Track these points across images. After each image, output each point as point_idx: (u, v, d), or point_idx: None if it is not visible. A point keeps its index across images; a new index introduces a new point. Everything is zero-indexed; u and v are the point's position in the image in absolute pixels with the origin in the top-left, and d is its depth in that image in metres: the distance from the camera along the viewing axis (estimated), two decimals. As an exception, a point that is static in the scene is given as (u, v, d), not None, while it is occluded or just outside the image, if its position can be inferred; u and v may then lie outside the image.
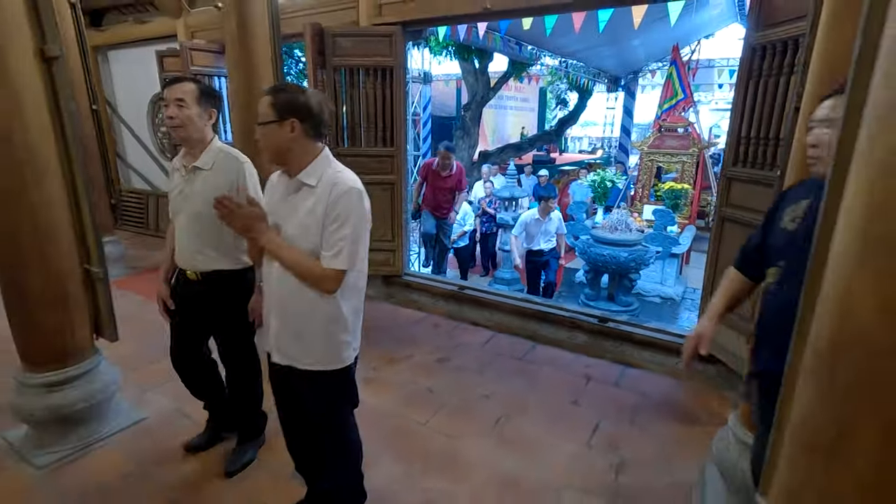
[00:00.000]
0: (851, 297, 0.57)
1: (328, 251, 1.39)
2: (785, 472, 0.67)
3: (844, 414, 0.58)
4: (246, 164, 1.96)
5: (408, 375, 2.97)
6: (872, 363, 0.54)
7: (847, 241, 0.58)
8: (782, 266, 1.30)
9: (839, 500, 0.59)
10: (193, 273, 1.97)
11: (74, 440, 2.27)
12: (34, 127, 1.99)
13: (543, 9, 3.28)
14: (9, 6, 1.87)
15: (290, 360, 1.52)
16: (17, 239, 2.04)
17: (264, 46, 2.88)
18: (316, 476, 1.85)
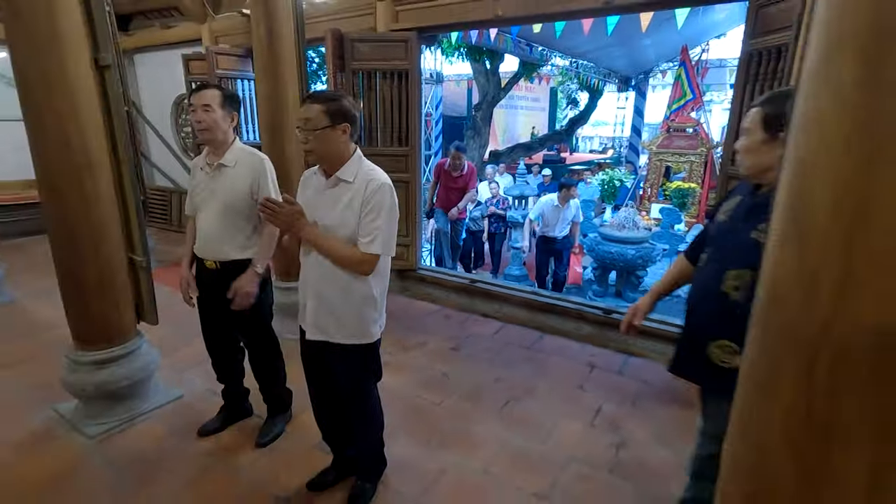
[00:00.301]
0: (777, 269, 0.74)
1: (365, 238, 1.59)
2: (740, 404, 0.84)
3: (774, 357, 0.75)
4: (265, 161, 2.14)
5: (422, 361, 3.16)
6: (791, 317, 0.71)
7: (777, 219, 0.75)
8: (709, 251, 1.51)
9: (772, 424, 0.76)
10: (212, 262, 2.14)
11: (120, 413, 2.49)
12: (89, 130, 2.21)
13: (552, 16, 3.44)
14: (69, 19, 2.08)
15: (326, 335, 1.71)
16: (74, 234, 2.26)
17: (290, 51, 3.08)
18: (342, 444, 2.05)
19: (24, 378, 2.90)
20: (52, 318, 3.73)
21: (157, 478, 2.13)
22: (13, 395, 2.74)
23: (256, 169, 2.09)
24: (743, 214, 1.41)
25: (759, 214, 1.32)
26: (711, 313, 1.41)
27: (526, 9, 3.34)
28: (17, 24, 2.02)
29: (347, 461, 2.07)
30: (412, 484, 2.10)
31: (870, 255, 0.62)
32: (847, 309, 0.64)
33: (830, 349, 0.66)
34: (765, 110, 1.34)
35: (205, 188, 2.13)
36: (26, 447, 2.32)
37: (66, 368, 2.44)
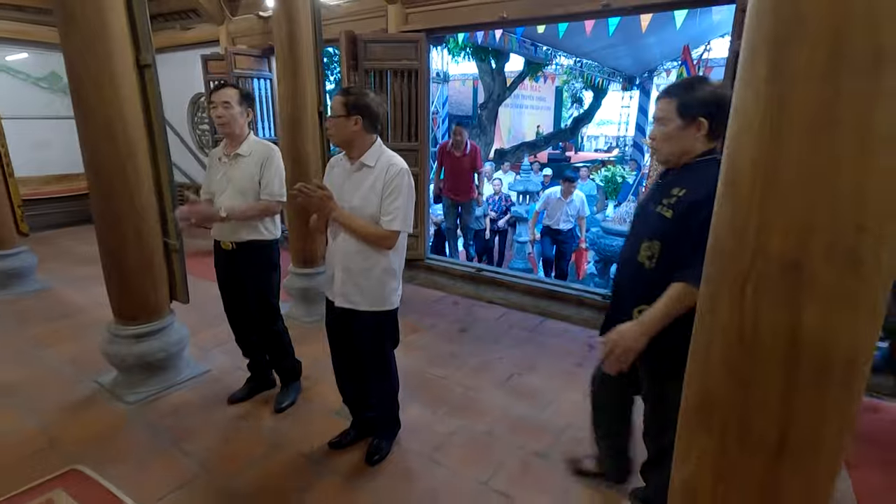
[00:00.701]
0: (718, 221, 0.95)
1: (386, 217, 1.82)
2: (694, 339, 1.05)
3: (716, 287, 0.96)
4: (274, 151, 2.37)
5: (431, 341, 3.38)
6: (727, 255, 0.92)
7: (720, 184, 0.95)
8: (630, 231, 1.69)
9: (714, 346, 0.97)
10: (228, 244, 2.36)
11: (156, 383, 2.73)
12: (132, 124, 2.44)
13: (553, 17, 3.65)
14: (116, 24, 2.32)
15: (352, 303, 1.94)
16: (118, 219, 2.49)
17: (308, 53, 3.31)
18: (361, 407, 2.27)
19: (66, 355, 3.15)
20: (83, 302, 4.00)
21: (194, 436, 2.36)
22: (58, 369, 2.98)
23: (264, 156, 2.32)
24: (652, 195, 1.58)
25: (663, 192, 1.50)
26: (632, 282, 1.57)
27: (529, 11, 3.55)
28: (71, 27, 2.25)
29: (365, 423, 2.30)
30: (424, 443, 2.32)
31: (776, 207, 0.83)
32: (763, 246, 0.85)
33: (754, 276, 0.88)
34: (679, 99, 1.45)
35: (222, 176, 2.35)
36: (76, 410, 2.56)
37: (108, 341, 2.68)
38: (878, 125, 0.74)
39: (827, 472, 0.92)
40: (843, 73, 0.74)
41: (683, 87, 1.49)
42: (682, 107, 1.44)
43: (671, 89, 1.51)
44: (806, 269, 0.81)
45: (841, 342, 0.84)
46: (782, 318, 0.85)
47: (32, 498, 1.95)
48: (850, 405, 0.88)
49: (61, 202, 6.51)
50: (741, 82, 0.88)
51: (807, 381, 0.86)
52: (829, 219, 0.79)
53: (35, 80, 6.36)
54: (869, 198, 0.76)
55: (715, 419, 0.99)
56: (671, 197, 1.46)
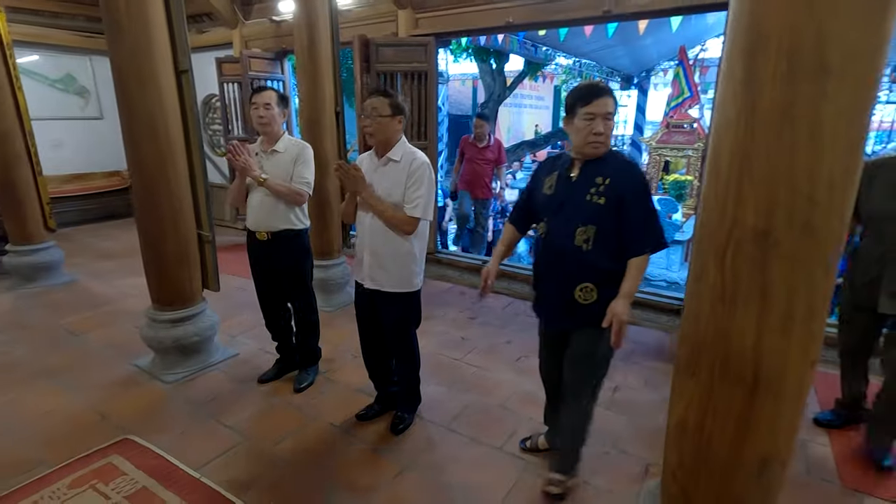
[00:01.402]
0: (705, 199, 1.16)
1: (410, 205, 2.03)
2: (687, 298, 1.26)
3: (703, 255, 1.17)
4: (307, 147, 2.58)
5: (443, 328, 3.59)
6: (711, 228, 1.13)
7: (707, 168, 1.16)
8: (546, 221, 1.81)
9: (703, 298, 1.19)
10: (263, 234, 2.56)
11: (190, 364, 2.93)
12: (171, 125, 2.65)
13: (556, 22, 3.86)
14: (159, 33, 2.52)
15: (378, 285, 2.15)
16: (158, 212, 2.69)
17: (326, 57, 3.52)
18: (385, 382, 2.49)
19: (101, 341, 3.35)
20: (110, 293, 4.21)
21: (231, 411, 2.56)
22: (96, 353, 3.18)
23: (298, 152, 2.53)
24: (571, 186, 1.73)
25: (586, 182, 1.69)
26: (571, 265, 1.73)
27: (534, 16, 3.76)
28: (118, 36, 2.45)
29: (389, 397, 2.51)
30: (442, 415, 2.53)
31: (749, 187, 1.05)
32: (740, 219, 1.07)
33: (733, 245, 1.09)
34: (614, 98, 1.65)
35: (260, 169, 2.55)
36: (118, 389, 2.76)
37: (147, 325, 2.88)
38: (824, 121, 0.95)
39: (793, 401, 1.14)
40: (799, 81, 0.95)
41: (611, 89, 1.68)
42: (616, 105, 1.65)
43: (609, 92, 1.66)
44: (772, 236, 1.03)
45: (802, 294, 1.05)
46: (755, 277, 1.07)
47: (94, 461, 2.16)
48: (811, 345, 1.10)
49: (77, 200, 6.69)
50: (722, 86, 1.10)
51: (774, 326, 1.08)
52: (789, 195, 1.00)
53: (51, 82, 6.55)
54: (819, 177, 0.98)
55: (702, 365, 1.20)
56: (598, 186, 1.67)
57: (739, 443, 1.16)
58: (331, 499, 1.99)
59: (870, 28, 0.91)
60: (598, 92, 1.63)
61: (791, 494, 2.04)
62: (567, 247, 1.73)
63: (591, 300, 1.73)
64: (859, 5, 0.89)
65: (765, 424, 1.14)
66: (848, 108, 0.94)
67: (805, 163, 0.98)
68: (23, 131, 4.12)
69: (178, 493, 2.00)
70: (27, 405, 2.58)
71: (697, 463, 1.25)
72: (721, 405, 1.17)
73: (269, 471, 2.14)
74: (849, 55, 0.91)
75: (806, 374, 1.12)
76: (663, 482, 1.40)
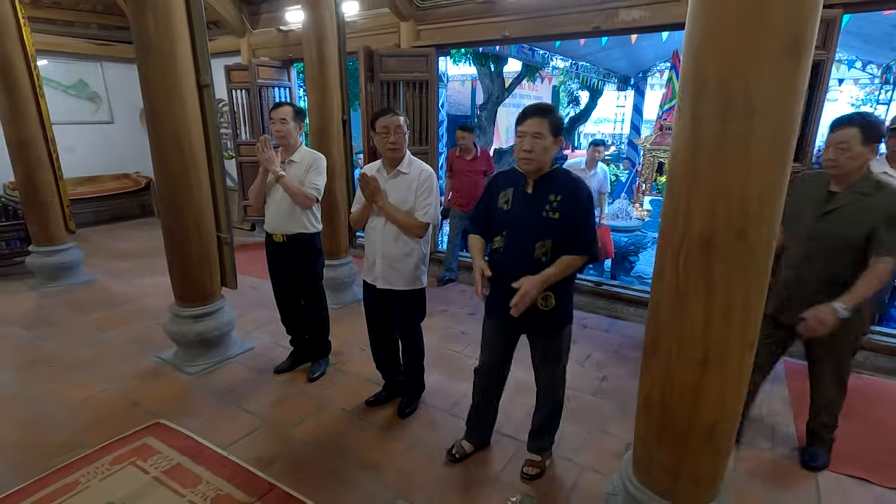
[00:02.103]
0: (665, 211, 1.40)
1: (421, 211, 2.27)
2: (653, 293, 1.50)
3: (663, 258, 1.41)
4: (320, 157, 2.81)
5: (444, 323, 3.83)
6: (669, 235, 1.37)
7: (667, 186, 1.40)
8: (504, 235, 1.95)
9: (662, 294, 1.43)
10: (280, 236, 2.80)
11: (211, 357, 3.17)
12: (194, 134, 2.88)
13: (551, 36, 4.10)
14: (184, 50, 2.75)
15: (390, 284, 2.39)
16: (182, 215, 2.93)
17: (334, 70, 3.75)
18: (392, 371, 2.73)
19: (123, 336, 3.59)
20: (129, 292, 4.45)
21: (251, 398, 2.81)
22: (120, 348, 3.42)
23: (312, 161, 2.77)
24: (528, 203, 1.89)
25: (539, 200, 1.86)
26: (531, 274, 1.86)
27: (529, 30, 4.00)
28: (148, 55, 2.68)
29: (395, 385, 2.75)
30: (444, 401, 2.78)
31: (695, 203, 1.29)
32: (689, 228, 1.31)
33: (685, 249, 1.33)
34: (550, 119, 1.79)
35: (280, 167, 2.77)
36: (146, 379, 3.00)
37: (171, 321, 3.12)
38: (752, 151, 1.19)
39: (735, 375, 1.38)
40: (731, 120, 1.19)
41: (548, 108, 1.83)
42: (552, 126, 1.80)
43: (542, 112, 1.80)
44: (713, 242, 1.27)
45: (738, 289, 1.29)
46: (701, 275, 1.31)
47: (130, 442, 2.40)
48: (748, 330, 1.34)
49: (89, 202, 6.91)
50: (677, 120, 1.33)
51: (718, 315, 1.32)
52: (726, 209, 1.24)
53: (64, 88, 6.77)
54: (749, 195, 1.22)
55: (663, 348, 1.44)
56: (552, 202, 1.85)
57: (693, 411, 1.40)
58: (347, 472, 2.23)
59: (785, 79, 1.14)
60: (529, 114, 1.82)
61: (755, 466, 2.30)
62: (528, 260, 1.89)
63: (550, 306, 1.95)
64: (775, 62, 1.13)
65: (713, 395, 1.38)
66: (770, 140, 1.18)
67: (738, 183, 1.21)
68: (45, 137, 4.35)
69: (208, 468, 2.24)
70: (65, 394, 2.82)
71: (660, 430, 1.49)
72: (678, 380, 1.41)
73: (288, 449, 2.38)
74: (769, 100, 1.15)
75: (745, 354, 1.36)
76: (634, 449, 1.64)
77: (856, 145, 1.85)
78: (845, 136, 1.87)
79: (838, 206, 1.95)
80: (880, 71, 9.76)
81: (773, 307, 2.06)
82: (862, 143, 1.85)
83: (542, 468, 2.22)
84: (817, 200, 2.01)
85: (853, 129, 1.85)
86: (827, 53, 2.90)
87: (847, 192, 1.94)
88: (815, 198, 2.02)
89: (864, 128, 1.84)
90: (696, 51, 1.23)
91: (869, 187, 1.91)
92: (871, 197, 1.88)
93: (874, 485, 2.17)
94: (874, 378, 3.08)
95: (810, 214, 2.02)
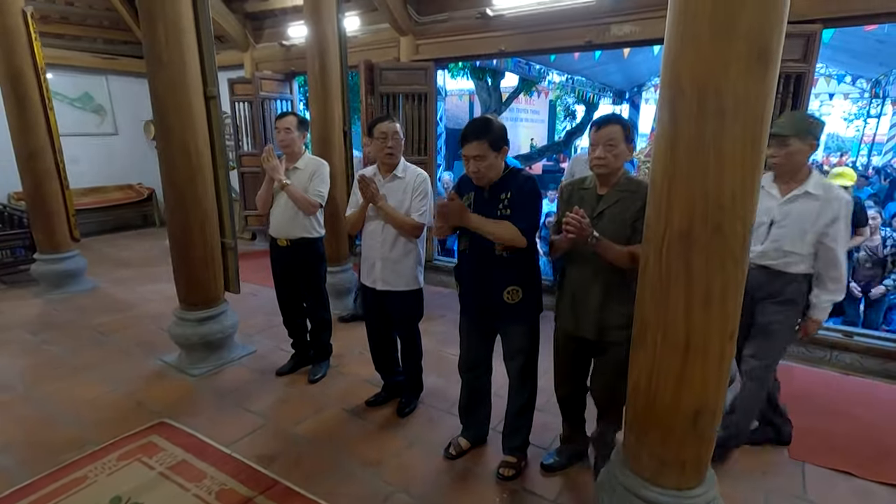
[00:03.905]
0: (650, 211, 1.50)
1: (416, 213, 2.37)
2: (640, 281, 1.59)
3: (647, 250, 1.50)
4: (323, 164, 2.92)
5: (442, 328, 3.91)
6: (652, 229, 1.47)
7: (650, 191, 1.50)
8: (469, 236, 2.07)
9: (646, 284, 1.52)
10: (284, 241, 2.90)
11: (215, 360, 3.24)
12: (201, 143, 2.99)
13: (545, 50, 4.25)
14: (192, 63, 2.87)
15: (390, 286, 2.47)
16: (188, 221, 3.02)
17: (336, 80, 3.88)
18: (391, 372, 2.80)
19: (127, 340, 3.66)
20: (131, 299, 4.52)
21: (254, 398, 2.87)
22: (124, 351, 3.48)
23: (315, 168, 2.88)
24: (485, 204, 2.03)
25: (492, 202, 2.01)
26: (497, 272, 2.03)
27: (524, 45, 4.15)
28: (158, 67, 2.80)
29: (394, 385, 2.82)
30: (442, 401, 2.84)
31: (675, 198, 1.39)
32: (670, 222, 1.40)
33: (666, 242, 1.43)
34: (487, 139, 1.91)
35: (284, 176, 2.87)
36: (151, 381, 3.07)
37: (175, 324, 3.19)
38: (725, 149, 1.29)
39: (716, 363, 1.46)
40: (706, 120, 1.29)
41: (483, 129, 1.93)
42: (491, 143, 1.93)
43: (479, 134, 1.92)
44: (692, 235, 1.36)
45: (717, 279, 1.38)
46: (681, 266, 1.40)
47: (136, 440, 2.46)
48: (727, 321, 1.43)
49: (92, 212, 7.00)
50: (658, 122, 1.44)
51: (698, 304, 1.41)
52: (703, 203, 1.34)
53: (70, 101, 6.91)
54: (724, 190, 1.32)
55: (648, 337, 1.53)
56: (503, 201, 2.00)
57: (678, 397, 1.48)
58: (347, 469, 2.29)
59: (753, 84, 1.25)
60: (467, 138, 1.95)
61: (746, 461, 2.36)
62: (490, 256, 2.03)
63: (518, 300, 2.06)
64: (744, 68, 1.23)
65: (696, 382, 1.46)
66: (741, 138, 1.28)
67: (713, 180, 1.31)
68: (53, 148, 4.46)
69: (213, 464, 2.30)
70: (72, 394, 2.88)
71: (647, 416, 1.57)
72: (663, 368, 1.49)
73: (291, 447, 2.45)
74: (739, 101, 1.25)
75: (725, 343, 1.44)
76: (624, 435, 1.71)
77: (620, 143, 1.85)
78: (612, 133, 1.85)
79: (606, 206, 1.91)
80: (869, 85, 9.98)
81: (568, 324, 2.04)
82: (625, 141, 1.86)
83: (517, 469, 2.26)
84: (589, 203, 1.95)
85: (617, 126, 1.86)
86: (808, 66, 3.03)
87: (613, 192, 1.91)
88: (587, 201, 1.97)
89: (625, 126, 1.88)
90: (674, 59, 1.34)
91: (631, 185, 1.90)
92: (634, 194, 1.87)
93: (858, 478, 2.24)
94: (861, 378, 3.16)
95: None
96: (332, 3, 3.74)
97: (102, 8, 6.63)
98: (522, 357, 2.19)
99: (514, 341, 2.19)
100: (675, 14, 1.33)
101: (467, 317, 2.29)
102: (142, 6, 2.76)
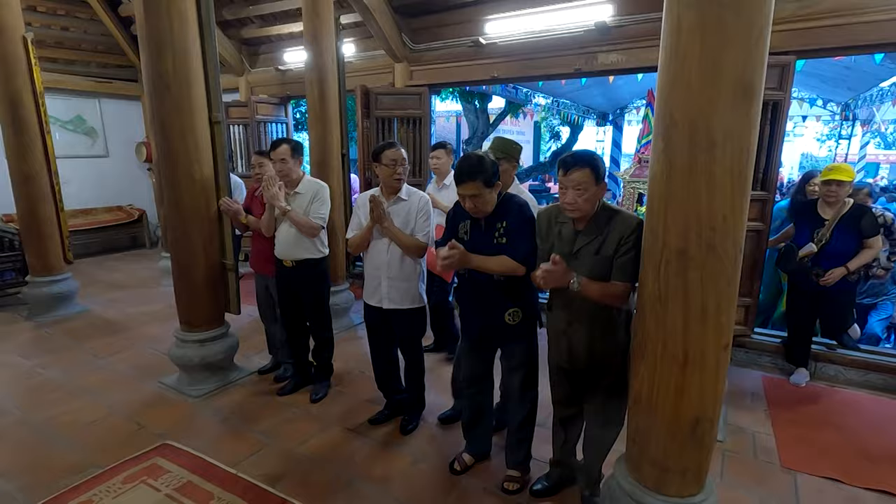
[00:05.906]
0: (647, 230, 1.61)
1: (420, 233, 2.45)
2: (639, 303, 1.69)
3: (645, 270, 1.61)
4: (323, 187, 3.00)
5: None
6: (650, 247, 1.58)
7: (647, 210, 1.61)
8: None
9: (645, 302, 1.62)
10: (289, 262, 2.96)
11: (215, 381, 3.25)
12: (206, 167, 3.05)
13: (536, 77, 4.43)
14: (198, 90, 2.95)
15: (396, 304, 2.54)
16: (192, 243, 3.06)
17: (334, 106, 3.99)
18: (393, 391, 2.85)
19: (123, 363, 3.64)
20: (124, 321, 4.51)
21: (256, 419, 2.88)
22: (123, 373, 3.47)
23: (315, 192, 2.95)
24: (481, 232, 2.11)
25: (489, 230, 2.10)
26: (496, 296, 2.12)
27: (516, 72, 4.33)
28: (164, 94, 2.87)
29: (397, 404, 2.86)
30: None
31: (671, 219, 1.49)
32: (667, 241, 1.51)
33: (664, 260, 1.53)
34: (482, 179, 1.97)
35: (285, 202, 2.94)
36: (151, 404, 3.06)
37: (175, 346, 3.20)
38: (715, 176, 1.41)
39: (713, 373, 1.56)
40: (697, 150, 1.41)
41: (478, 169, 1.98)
42: (485, 182, 2.00)
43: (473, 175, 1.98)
44: (688, 253, 1.47)
45: (711, 294, 1.49)
46: (679, 283, 1.51)
47: (141, 462, 2.46)
48: (722, 333, 1.53)
49: (82, 234, 6.94)
50: (653, 150, 1.56)
51: (695, 319, 1.51)
52: (696, 224, 1.45)
53: (63, 124, 6.92)
54: (715, 212, 1.43)
55: (648, 350, 1.62)
56: (499, 229, 2.09)
57: (677, 407, 1.57)
58: (356, 486, 2.32)
59: (739, 117, 1.38)
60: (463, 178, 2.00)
61: (739, 471, 2.45)
62: (489, 282, 2.12)
63: (518, 320, 2.16)
64: (730, 103, 1.37)
65: (694, 391, 1.55)
66: (730, 166, 1.40)
67: (705, 202, 1.43)
68: (49, 171, 4.47)
69: (219, 484, 2.31)
70: (71, 418, 2.86)
71: (649, 426, 1.65)
72: (663, 379, 1.58)
73: (296, 466, 2.47)
74: (727, 134, 1.38)
75: (721, 354, 1.55)
76: (627, 445, 1.79)
77: (591, 186, 1.80)
78: (580, 178, 1.79)
79: (584, 244, 1.89)
80: (839, 108, 10.46)
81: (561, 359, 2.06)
82: (595, 184, 1.81)
83: (521, 483, 2.32)
84: (567, 240, 1.93)
85: (585, 170, 1.79)
86: (784, 94, 3.24)
87: (591, 226, 1.89)
88: (565, 237, 1.95)
89: (594, 168, 1.81)
90: (667, 95, 1.47)
91: (605, 218, 1.87)
92: (608, 226, 1.85)
93: (846, 485, 2.34)
94: (845, 390, 3.29)
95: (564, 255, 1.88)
96: (332, 31, 3.88)
97: (98, 33, 6.71)
98: (523, 371, 2.27)
99: (514, 357, 2.27)
100: (667, 54, 1.46)
101: (468, 338, 2.36)
102: (149, 35, 2.85)
